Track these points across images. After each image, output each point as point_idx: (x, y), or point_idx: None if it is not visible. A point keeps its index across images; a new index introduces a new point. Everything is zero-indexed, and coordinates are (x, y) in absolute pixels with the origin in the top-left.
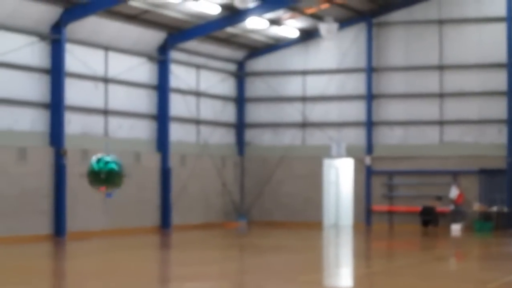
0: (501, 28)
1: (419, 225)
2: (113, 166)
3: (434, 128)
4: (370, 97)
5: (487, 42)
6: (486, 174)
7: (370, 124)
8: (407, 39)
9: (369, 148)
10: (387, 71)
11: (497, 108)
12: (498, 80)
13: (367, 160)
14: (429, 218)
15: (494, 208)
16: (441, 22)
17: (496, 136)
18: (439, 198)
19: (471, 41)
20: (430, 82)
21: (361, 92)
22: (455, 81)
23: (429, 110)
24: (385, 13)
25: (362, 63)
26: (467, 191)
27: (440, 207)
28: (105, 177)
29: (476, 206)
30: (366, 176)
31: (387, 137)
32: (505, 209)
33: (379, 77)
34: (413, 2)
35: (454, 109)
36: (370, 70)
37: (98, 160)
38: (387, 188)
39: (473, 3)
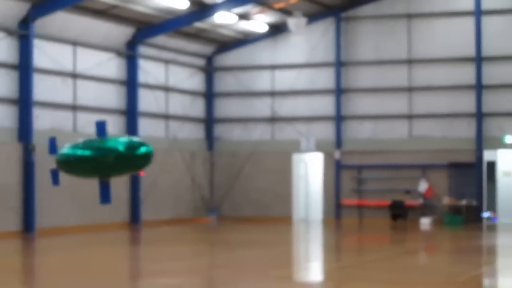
0: (469, 22)
1: (389, 219)
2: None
3: (403, 122)
4: (339, 92)
5: (455, 36)
6: (455, 168)
7: (339, 119)
8: (376, 34)
9: (339, 143)
10: (356, 66)
11: (466, 102)
12: (467, 74)
13: (337, 154)
14: (399, 212)
15: (463, 202)
16: (409, 16)
17: (465, 130)
18: (408, 192)
19: (440, 35)
20: (399, 76)
21: (330, 86)
22: (424, 75)
23: (398, 104)
24: (354, 8)
25: (331, 57)
26: (436, 185)
27: (409, 201)
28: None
29: (446, 200)
30: (336, 171)
31: (357, 132)
32: (474, 203)
33: (348, 71)
34: None
35: (423, 103)
36: (339, 65)
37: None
38: (356, 182)
39: None
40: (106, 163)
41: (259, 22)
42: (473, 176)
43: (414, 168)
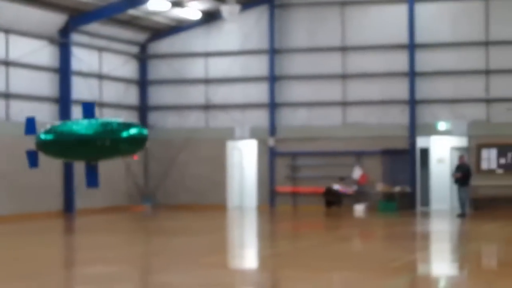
0: (403, 9)
1: (323, 206)
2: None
3: (337, 109)
4: (273, 79)
5: (389, 24)
6: (389, 154)
7: (273, 106)
8: (309, 21)
9: (273, 130)
10: (290, 53)
11: (400, 89)
12: (400, 61)
13: (271, 141)
14: (333, 199)
15: (397, 188)
16: (343, 3)
17: (398, 117)
18: (342, 179)
19: (373, 23)
20: (333, 63)
21: (264, 73)
22: (357, 62)
23: (332, 91)
24: None
25: (265, 44)
26: (370, 171)
27: (343, 188)
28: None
29: (379, 187)
30: (270, 158)
31: (291, 119)
32: (408, 189)
33: (282, 58)
34: None
35: (357, 90)
36: (273, 52)
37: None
38: (291, 170)
39: None
40: (102, 145)
41: (193, 9)
42: (407, 162)
43: (348, 155)
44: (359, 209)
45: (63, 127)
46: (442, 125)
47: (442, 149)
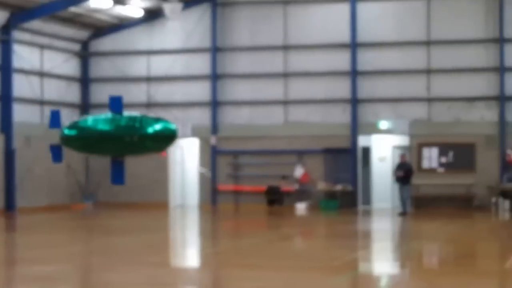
0: (345, 8)
1: (265, 204)
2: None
3: (279, 108)
4: (215, 77)
5: (331, 23)
6: (331, 153)
7: (215, 104)
8: (252, 19)
9: (215, 128)
10: (233, 51)
11: (341, 88)
12: (342, 60)
13: (213, 140)
14: (275, 198)
15: (339, 187)
16: (285, 2)
17: (340, 115)
18: (284, 178)
19: (316, 22)
20: (275, 62)
21: (206, 72)
22: (300, 61)
23: (274, 90)
24: None
25: (207, 43)
26: (312, 170)
27: (285, 187)
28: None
29: (321, 185)
30: (212, 156)
31: (233, 117)
32: (350, 188)
33: (224, 57)
34: None
35: (299, 89)
36: (215, 50)
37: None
38: (233, 168)
39: None
40: (129, 142)
41: (135, 7)
42: (348, 161)
43: (290, 153)
44: (301, 207)
45: (88, 122)
46: (383, 124)
47: (383, 148)
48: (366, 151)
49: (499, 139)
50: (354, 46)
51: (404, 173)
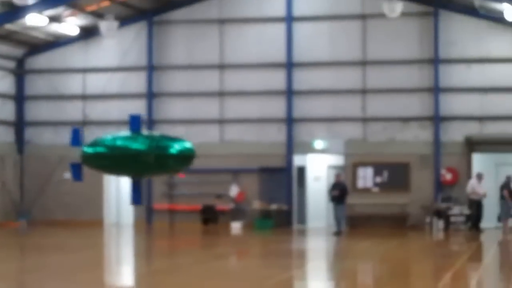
0: (281, 28)
1: (200, 223)
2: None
3: (215, 127)
4: (151, 95)
5: (267, 42)
6: (266, 172)
7: (151, 123)
8: (188, 38)
9: None
10: (169, 70)
11: (277, 107)
12: (278, 79)
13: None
14: (210, 216)
15: (274, 206)
16: (222, 21)
17: (276, 135)
18: (219, 197)
19: (252, 41)
20: (211, 80)
21: (142, 90)
22: (235, 80)
23: (210, 108)
24: (166, 12)
25: (143, 61)
26: (248, 189)
27: (220, 205)
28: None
29: (256, 204)
30: None
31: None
32: (285, 207)
33: (160, 75)
34: (194, 1)
35: (235, 108)
36: (151, 68)
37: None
38: (168, 186)
39: (253, 3)
40: (149, 161)
41: (71, 24)
42: (283, 180)
43: (226, 172)
44: (236, 226)
45: (108, 141)
46: (319, 144)
47: (319, 167)
48: (301, 170)
49: (433, 159)
50: (289, 65)
51: (339, 192)
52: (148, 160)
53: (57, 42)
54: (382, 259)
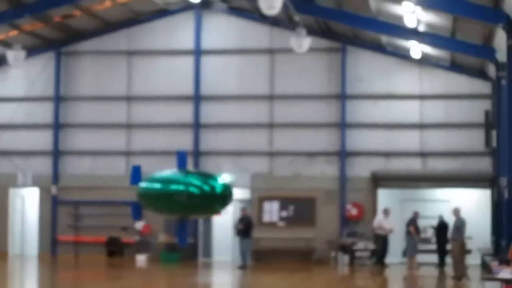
0: (189, 61)
1: (105, 255)
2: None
3: (121, 158)
4: (58, 126)
5: (175, 74)
6: None
7: (57, 154)
8: (96, 69)
9: (56, 178)
10: (76, 101)
11: (184, 140)
12: (185, 112)
13: (54, 189)
14: (115, 249)
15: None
16: (130, 53)
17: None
18: (125, 229)
19: (160, 73)
20: (118, 112)
21: (49, 121)
22: (143, 112)
23: (117, 140)
24: (75, 43)
25: (50, 91)
26: (153, 222)
27: (126, 238)
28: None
29: (162, 237)
30: (52, 206)
31: (75, 167)
32: (190, 240)
33: (67, 106)
34: (102, 32)
35: (142, 139)
36: (58, 99)
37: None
38: (73, 218)
39: (162, 36)
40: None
41: None
42: None
43: (132, 204)
44: (141, 259)
45: (158, 179)
46: (225, 177)
47: None
48: None
49: (339, 194)
50: (197, 98)
51: (245, 226)
52: (199, 200)
53: None
54: None
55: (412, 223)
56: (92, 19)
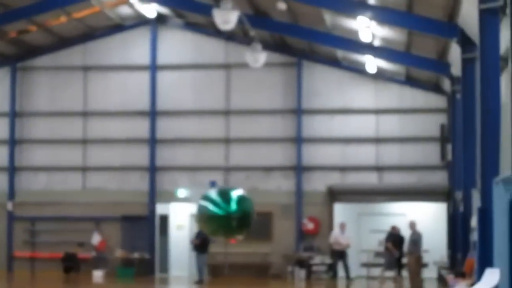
0: (145, 76)
1: (62, 271)
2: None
3: (77, 174)
4: (13, 142)
5: (131, 90)
6: (128, 221)
7: (12, 169)
8: (52, 85)
9: (12, 194)
10: (32, 116)
11: (140, 155)
12: (141, 127)
13: (9, 205)
14: (71, 265)
15: (136, 255)
16: (86, 68)
17: (138, 183)
18: (81, 245)
19: (116, 88)
20: (74, 128)
21: (4, 137)
22: (99, 127)
23: (72, 156)
24: (30, 58)
25: (5, 107)
26: (110, 237)
27: (82, 254)
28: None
29: (118, 253)
30: (8, 222)
31: (31, 183)
32: (147, 256)
33: (23, 122)
34: (58, 48)
35: (98, 155)
36: (14, 115)
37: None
38: (29, 234)
39: (118, 51)
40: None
41: None
42: (146, 229)
43: (88, 220)
44: (97, 275)
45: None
46: (181, 192)
47: (181, 216)
48: (164, 218)
49: (295, 208)
50: (153, 113)
51: (201, 241)
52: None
53: None
54: None
55: (390, 239)
56: (48, 35)
